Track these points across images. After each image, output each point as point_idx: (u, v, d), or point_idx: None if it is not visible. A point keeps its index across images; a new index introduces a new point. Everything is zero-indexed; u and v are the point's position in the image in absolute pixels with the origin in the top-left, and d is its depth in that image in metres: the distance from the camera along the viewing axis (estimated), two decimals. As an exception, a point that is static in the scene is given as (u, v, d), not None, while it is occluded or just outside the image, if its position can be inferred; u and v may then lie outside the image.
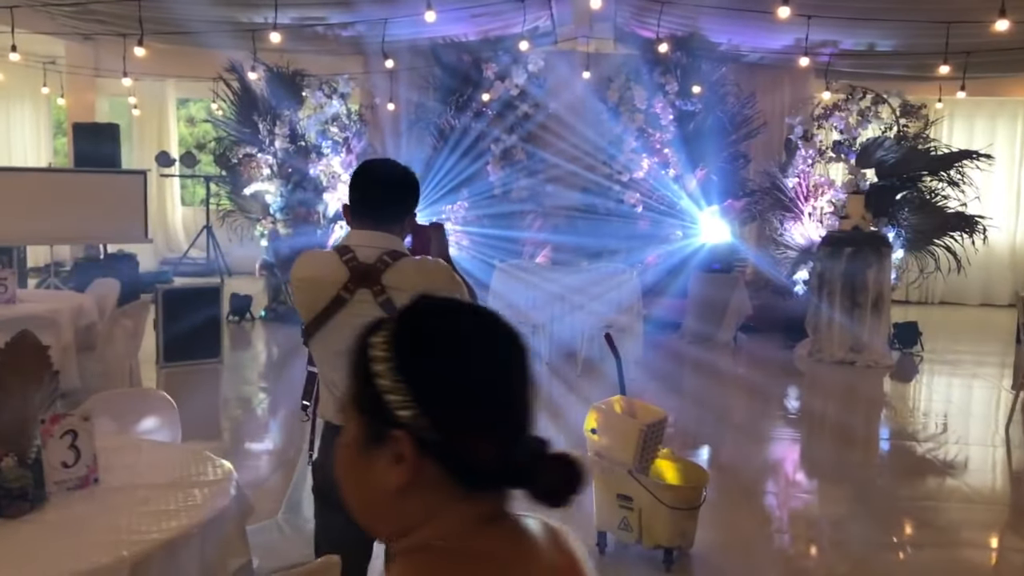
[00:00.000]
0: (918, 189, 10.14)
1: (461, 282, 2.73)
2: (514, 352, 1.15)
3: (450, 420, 1.06)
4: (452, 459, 1.07)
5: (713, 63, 10.78)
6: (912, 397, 8.67)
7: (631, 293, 8.58)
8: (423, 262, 2.68)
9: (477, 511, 1.10)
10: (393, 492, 1.08)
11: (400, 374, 1.08)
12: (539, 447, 1.12)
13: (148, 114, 14.55)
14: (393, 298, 2.55)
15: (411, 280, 2.57)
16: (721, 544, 4.59)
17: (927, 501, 5.53)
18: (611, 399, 4.52)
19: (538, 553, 1.13)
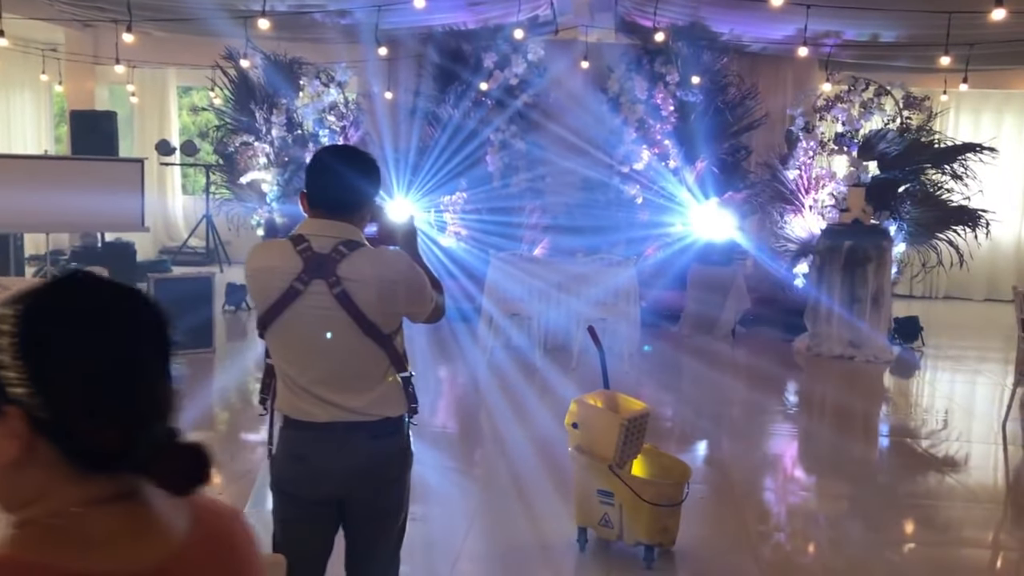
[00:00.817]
0: (921, 182, 10.02)
1: (422, 273, 2.65)
2: (149, 338, 1.13)
3: (64, 401, 1.05)
4: (65, 440, 1.06)
5: (714, 53, 10.66)
6: (912, 393, 8.57)
7: (628, 285, 8.48)
8: (380, 252, 2.61)
9: (93, 492, 1.09)
10: (7, 466, 1.06)
11: (20, 350, 1.04)
12: (166, 436, 1.12)
13: (149, 102, 14.51)
14: (349, 290, 2.48)
15: (367, 271, 2.50)
16: (706, 541, 4.52)
17: (925, 499, 5.45)
18: (593, 393, 4.45)
19: (162, 535, 1.13)
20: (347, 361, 2.56)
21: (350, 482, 2.60)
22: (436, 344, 8.96)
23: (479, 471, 5.42)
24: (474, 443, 6.02)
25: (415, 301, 2.63)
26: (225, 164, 10.74)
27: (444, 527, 4.57)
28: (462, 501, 4.89)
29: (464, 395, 7.55)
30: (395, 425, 2.65)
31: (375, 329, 2.54)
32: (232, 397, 7.30)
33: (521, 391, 7.11)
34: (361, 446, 2.59)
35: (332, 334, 2.52)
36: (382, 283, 2.52)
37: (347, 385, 2.57)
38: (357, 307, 2.49)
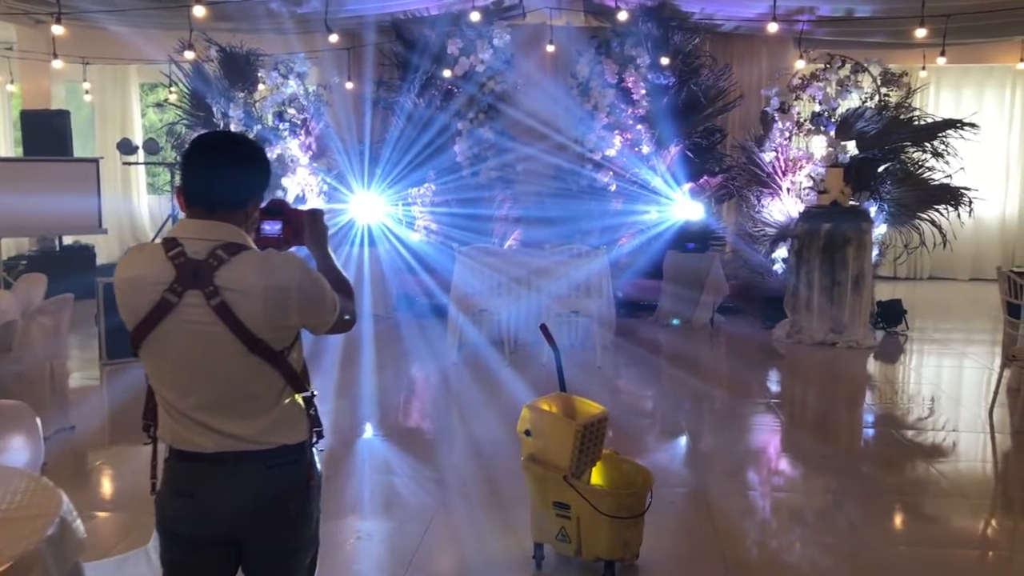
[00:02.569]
0: (901, 161, 9.72)
1: (321, 279, 2.32)
2: None
3: None
4: None
5: (685, 34, 10.33)
6: (896, 379, 8.28)
7: (600, 275, 8.18)
8: (268, 257, 2.25)
9: None
10: None
11: None
12: None
13: (111, 100, 14.10)
14: (229, 301, 2.15)
15: (250, 278, 2.16)
16: (674, 551, 4.22)
17: (909, 494, 5.13)
18: (547, 396, 4.14)
19: None
20: (233, 383, 2.23)
21: (244, 520, 2.27)
22: (404, 342, 8.65)
23: (433, 481, 5.10)
24: (430, 450, 5.70)
25: (312, 311, 2.29)
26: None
27: (392, 544, 4.26)
28: (413, 514, 4.58)
29: (424, 397, 7.23)
30: (295, 453, 2.32)
31: (262, 346, 2.21)
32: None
33: (485, 392, 6.80)
34: (255, 479, 2.26)
35: (214, 352, 2.20)
36: (269, 292, 2.17)
37: (235, 410, 2.24)
38: (239, 321, 2.16)
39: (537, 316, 8.10)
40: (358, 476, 5.20)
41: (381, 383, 7.28)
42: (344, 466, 5.39)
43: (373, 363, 7.87)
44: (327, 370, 7.67)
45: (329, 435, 6.04)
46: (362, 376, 7.50)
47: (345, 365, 7.84)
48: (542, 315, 8.04)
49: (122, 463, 5.43)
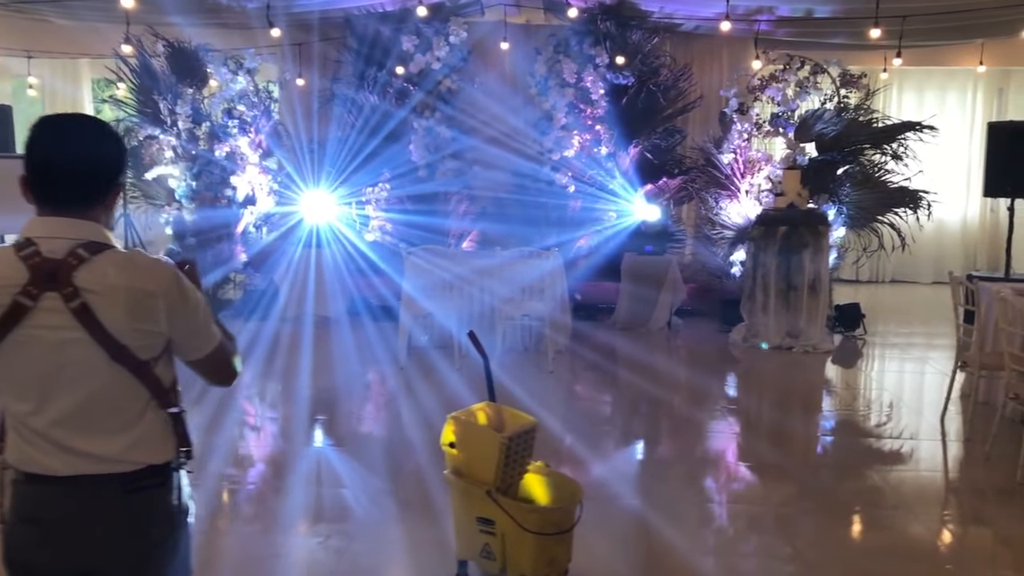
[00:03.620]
0: (860, 163, 9.63)
1: (198, 294, 2.13)
2: None
3: None
4: None
5: (645, 33, 10.18)
6: (851, 384, 8.14)
7: (553, 277, 8.00)
8: (134, 257, 2.04)
9: None
10: None
11: None
12: None
13: (61, 96, 13.73)
14: (91, 303, 1.95)
15: (112, 279, 1.97)
16: (607, 569, 4.05)
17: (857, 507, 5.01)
18: (474, 407, 3.95)
19: None
20: (94, 395, 2.02)
21: (100, 550, 2.06)
22: (354, 346, 8.44)
23: (364, 492, 4.89)
24: (365, 459, 5.49)
25: (183, 323, 2.09)
26: (130, 159, 10.07)
27: (312, 561, 4.05)
28: (338, 528, 4.37)
29: (366, 403, 7.01)
30: (159, 475, 2.11)
31: (126, 353, 2.00)
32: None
33: (429, 398, 6.59)
34: (113, 504, 2.05)
35: (73, 361, 1.99)
36: (132, 294, 1.98)
37: (94, 426, 2.03)
38: (101, 325, 1.96)
39: (489, 319, 7.93)
40: (286, 487, 4.99)
41: (322, 387, 7.06)
42: (272, 476, 5.19)
43: (318, 367, 7.66)
44: (269, 373, 7.46)
45: (269, 442, 5.85)
46: (301, 380, 7.29)
47: (288, 368, 7.63)
48: (494, 318, 7.87)
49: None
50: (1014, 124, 9.21)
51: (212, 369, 2.21)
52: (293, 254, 9.56)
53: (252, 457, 5.72)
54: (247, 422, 6.34)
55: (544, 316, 7.78)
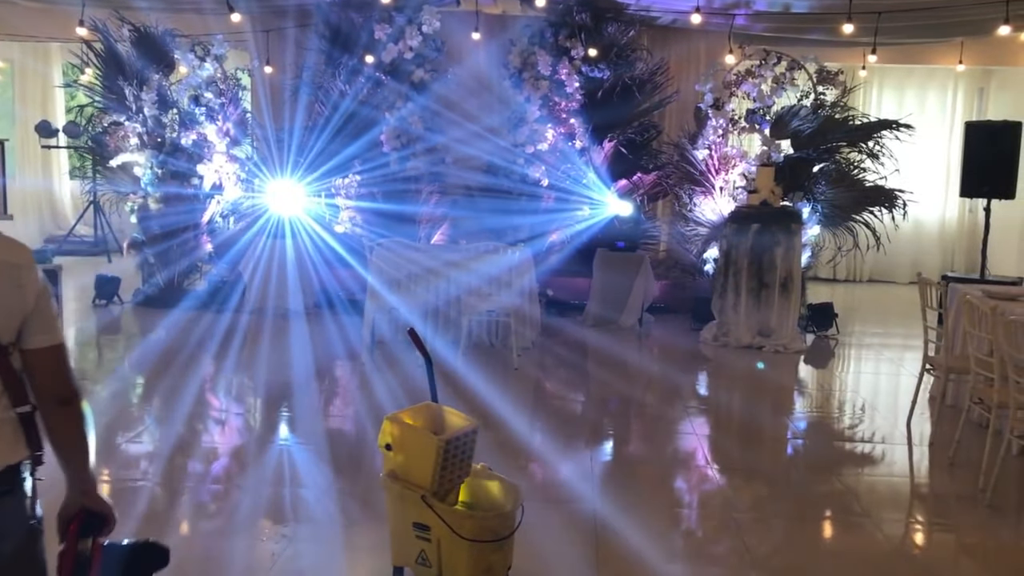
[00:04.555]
0: (836, 161, 9.52)
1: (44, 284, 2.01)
2: None
3: None
4: None
5: (621, 26, 10.02)
6: (821, 385, 8.02)
7: (520, 273, 7.87)
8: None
9: None
10: None
11: None
12: None
13: (31, 80, 13.51)
14: None
15: None
16: (550, 574, 3.92)
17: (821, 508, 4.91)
18: (414, 407, 3.82)
19: None
20: None
21: None
22: (318, 340, 8.28)
23: (301, 492, 4.74)
24: (312, 458, 5.34)
25: (42, 302, 1.98)
26: (95, 146, 9.88)
27: (239, 565, 3.91)
28: (275, 532, 4.22)
29: (322, 399, 6.85)
30: (8, 480, 1.96)
31: None
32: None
33: (389, 394, 6.45)
34: None
35: None
36: (2, 267, 1.90)
37: None
38: None
39: (455, 313, 7.79)
40: (228, 486, 4.83)
41: (279, 381, 6.91)
42: (211, 475, 5.03)
43: (277, 360, 7.51)
44: (226, 366, 7.31)
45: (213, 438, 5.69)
46: (257, 373, 7.14)
47: (246, 361, 7.48)
48: (459, 312, 7.73)
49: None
50: (991, 124, 9.15)
51: (54, 367, 2.03)
52: (259, 245, 9.39)
53: (191, 451, 5.56)
54: (192, 415, 6.16)
55: (510, 311, 7.64)
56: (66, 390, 2.05)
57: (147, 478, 4.89)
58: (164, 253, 9.63)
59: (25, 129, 13.21)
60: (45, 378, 2.02)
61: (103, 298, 9.64)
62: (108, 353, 8.26)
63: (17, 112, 13.57)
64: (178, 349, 7.76)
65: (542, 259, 9.54)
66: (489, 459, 5.01)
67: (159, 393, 6.65)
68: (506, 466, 4.99)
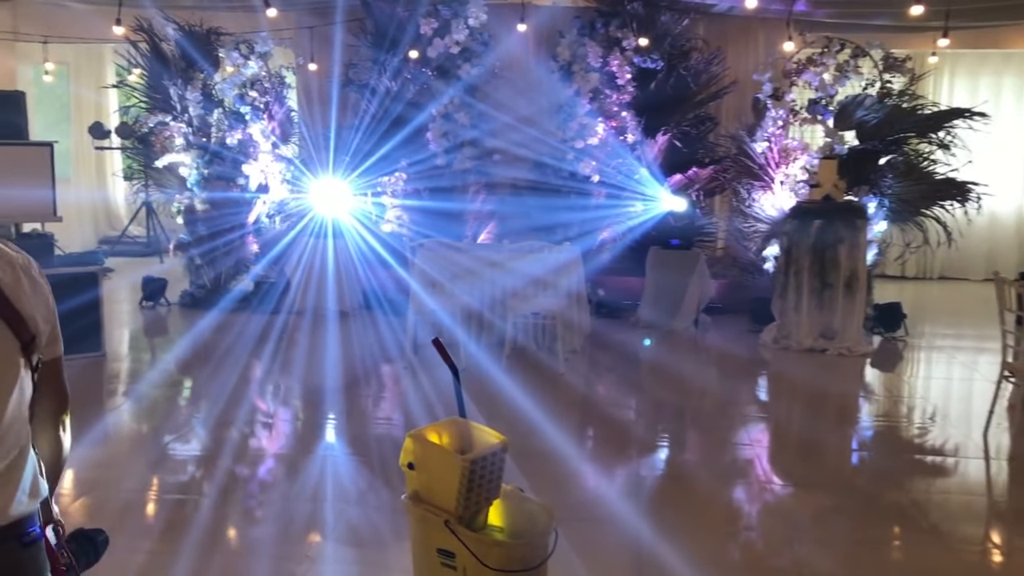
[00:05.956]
0: (904, 153, 9.00)
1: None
2: None
3: None
4: None
5: (675, 15, 9.64)
6: (889, 392, 7.54)
7: (568, 272, 7.55)
8: None
9: None
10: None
11: None
12: None
13: (86, 82, 13.60)
14: None
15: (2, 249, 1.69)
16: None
17: (874, 546, 4.52)
18: (441, 422, 3.54)
19: None
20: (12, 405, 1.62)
21: None
22: (362, 342, 8.08)
23: (325, 510, 4.50)
24: (336, 466, 5.11)
25: (53, 316, 1.75)
26: (141, 146, 9.83)
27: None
28: (298, 551, 3.99)
29: (360, 406, 6.62)
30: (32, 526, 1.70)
31: (33, 348, 1.66)
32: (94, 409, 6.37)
33: (425, 403, 6.19)
34: (12, 564, 1.65)
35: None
36: (24, 268, 1.69)
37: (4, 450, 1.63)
38: (10, 302, 1.62)
39: (500, 315, 7.52)
40: (252, 498, 4.60)
41: (315, 385, 6.71)
42: (234, 485, 4.82)
43: (316, 362, 7.32)
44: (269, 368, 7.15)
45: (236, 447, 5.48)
46: (294, 377, 6.96)
47: (281, 364, 7.32)
48: (504, 314, 7.45)
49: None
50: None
51: (60, 380, 1.82)
52: (305, 245, 9.24)
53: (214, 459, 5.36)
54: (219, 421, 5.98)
55: (555, 313, 7.33)
56: (66, 405, 1.87)
57: (169, 488, 4.71)
58: (210, 254, 9.55)
59: (80, 131, 13.31)
60: (50, 391, 1.80)
61: (150, 299, 9.59)
62: (144, 355, 8.17)
63: (72, 114, 13.68)
64: (214, 351, 7.63)
65: (592, 258, 9.22)
66: (527, 471, 4.75)
67: (191, 397, 6.50)
68: (545, 479, 4.72)
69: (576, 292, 7.71)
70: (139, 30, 9.43)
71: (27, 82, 12.31)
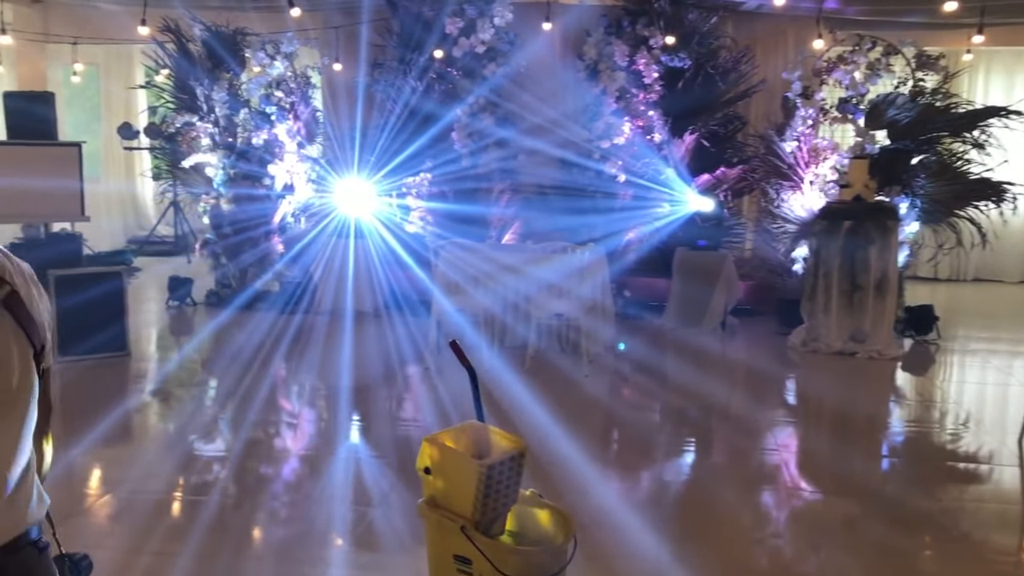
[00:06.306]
0: (937, 152, 8.82)
1: None
2: None
3: None
4: None
5: (703, 12, 9.52)
6: (922, 395, 7.41)
7: (592, 273, 7.46)
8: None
9: None
10: None
11: None
12: None
13: (115, 83, 13.70)
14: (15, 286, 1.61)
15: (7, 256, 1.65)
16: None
17: (933, 530, 4.40)
18: (457, 426, 3.48)
19: None
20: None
21: None
22: (384, 343, 8.05)
23: (342, 511, 4.45)
24: (353, 470, 5.06)
25: (49, 325, 1.72)
26: (167, 146, 9.86)
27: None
28: (315, 555, 3.94)
29: (375, 408, 6.58)
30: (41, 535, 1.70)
31: (43, 354, 1.67)
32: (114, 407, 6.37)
33: (445, 405, 6.13)
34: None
35: None
36: (33, 277, 1.69)
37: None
38: (28, 311, 1.61)
39: (523, 316, 7.45)
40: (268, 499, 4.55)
41: (335, 387, 6.68)
42: (250, 485, 4.79)
43: (337, 363, 7.29)
44: (287, 370, 7.13)
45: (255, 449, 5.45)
46: (315, 377, 6.94)
47: (304, 363, 7.30)
48: (527, 316, 7.39)
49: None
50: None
51: (48, 390, 1.76)
52: (330, 245, 9.23)
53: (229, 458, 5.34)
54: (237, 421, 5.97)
55: (578, 314, 7.25)
56: (50, 417, 1.82)
57: (188, 488, 4.69)
58: (235, 254, 9.57)
59: (110, 131, 13.40)
60: (39, 402, 1.74)
61: (176, 299, 9.62)
62: (167, 354, 8.19)
63: (103, 114, 13.79)
64: (237, 351, 7.62)
65: (618, 259, 9.13)
66: (548, 476, 4.70)
67: (212, 397, 6.50)
68: (566, 484, 4.66)
69: (601, 293, 7.62)
70: (166, 30, 9.46)
71: (57, 83, 12.42)
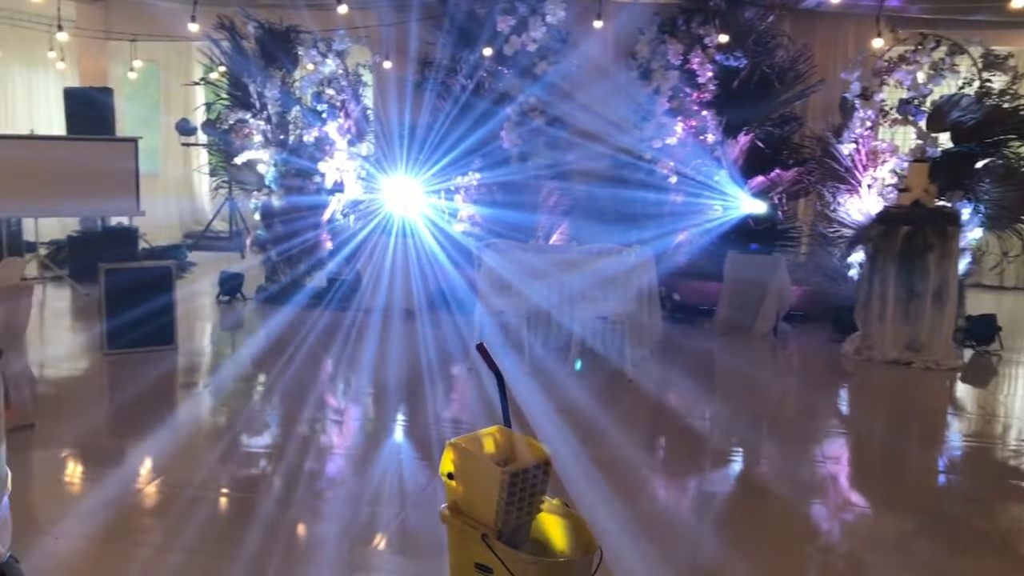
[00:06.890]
0: (1004, 156, 8.49)
1: None
2: None
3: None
4: None
5: (759, 10, 9.30)
6: (981, 408, 7.11)
7: (637, 275, 7.32)
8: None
9: None
10: None
11: None
12: None
13: (175, 80, 13.92)
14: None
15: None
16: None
17: (994, 547, 4.20)
18: (482, 432, 3.39)
19: None
20: None
21: None
22: (428, 341, 8.01)
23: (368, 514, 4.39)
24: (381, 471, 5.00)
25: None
26: (221, 143, 9.96)
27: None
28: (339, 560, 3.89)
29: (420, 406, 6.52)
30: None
31: None
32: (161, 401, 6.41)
33: (484, 405, 6.06)
34: None
35: None
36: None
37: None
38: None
39: (566, 319, 7.34)
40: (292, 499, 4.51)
41: (375, 385, 6.65)
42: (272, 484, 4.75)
43: (379, 361, 7.27)
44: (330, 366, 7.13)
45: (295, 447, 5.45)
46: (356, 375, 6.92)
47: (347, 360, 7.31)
48: (571, 318, 7.28)
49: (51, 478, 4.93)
50: None
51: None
52: (378, 243, 9.23)
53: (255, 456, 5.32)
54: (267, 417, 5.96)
55: (624, 317, 7.12)
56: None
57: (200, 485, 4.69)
58: (285, 251, 9.63)
59: (169, 126, 13.63)
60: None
61: (226, 294, 9.71)
62: (214, 349, 8.25)
63: (162, 110, 14.02)
64: (283, 347, 7.65)
65: (668, 260, 8.97)
66: (584, 481, 4.59)
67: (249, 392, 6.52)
68: (607, 490, 4.55)
69: (647, 295, 7.47)
70: (221, 28, 9.56)
71: (118, 79, 12.65)
